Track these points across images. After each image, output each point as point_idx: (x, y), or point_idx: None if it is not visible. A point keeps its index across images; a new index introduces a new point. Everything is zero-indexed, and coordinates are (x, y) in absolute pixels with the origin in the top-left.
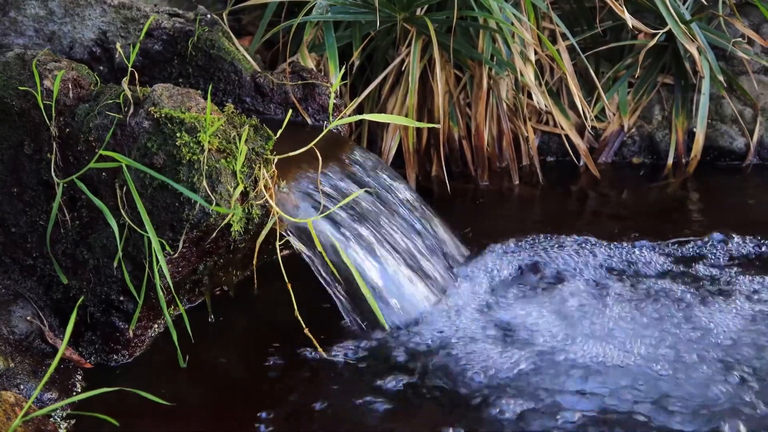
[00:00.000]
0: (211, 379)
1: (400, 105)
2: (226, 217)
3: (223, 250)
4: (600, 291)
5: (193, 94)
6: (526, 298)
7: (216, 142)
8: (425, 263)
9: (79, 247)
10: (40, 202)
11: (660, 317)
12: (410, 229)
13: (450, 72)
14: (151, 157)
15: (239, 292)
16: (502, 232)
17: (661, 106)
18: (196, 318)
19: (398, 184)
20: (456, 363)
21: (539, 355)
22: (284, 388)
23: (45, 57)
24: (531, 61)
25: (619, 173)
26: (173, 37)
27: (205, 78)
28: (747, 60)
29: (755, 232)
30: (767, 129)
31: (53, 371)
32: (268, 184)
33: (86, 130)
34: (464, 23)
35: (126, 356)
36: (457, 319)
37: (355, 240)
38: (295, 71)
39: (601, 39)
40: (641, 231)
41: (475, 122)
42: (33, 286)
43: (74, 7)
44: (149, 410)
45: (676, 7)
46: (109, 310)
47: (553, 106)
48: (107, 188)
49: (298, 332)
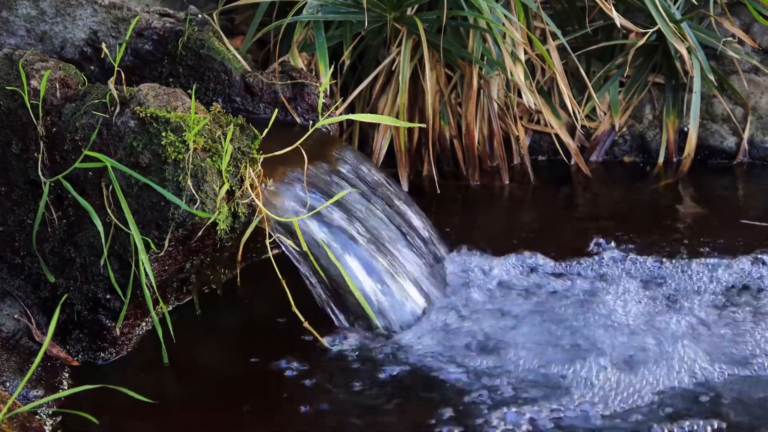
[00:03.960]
0: (199, 377)
1: (391, 104)
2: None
3: (210, 249)
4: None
5: (179, 93)
6: (514, 299)
7: (201, 142)
8: (412, 263)
9: (66, 245)
10: (27, 201)
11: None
12: (397, 228)
13: (441, 71)
14: (136, 156)
15: (228, 291)
16: (491, 232)
17: (652, 105)
18: (184, 316)
19: (387, 183)
20: (440, 362)
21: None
22: (271, 386)
23: (32, 57)
24: (521, 60)
25: (610, 172)
26: (163, 37)
27: (195, 78)
28: (737, 59)
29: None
30: (758, 128)
31: (40, 369)
32: (254, 182)
33: (73, 130)
34: (454, 23)
35: (113, 354)
36: (444, 318)
37: (341, 238)
38: (285, 71)
39: (592, 38)
40: (633, 232)
41: (466, 122)
42: (21, 285)
43: (65, 7)
44: (136, 408)
45: (667, 7)
46: (96, 308)
47: (543, 106)
48: (94, 187)
49: (285, 330)
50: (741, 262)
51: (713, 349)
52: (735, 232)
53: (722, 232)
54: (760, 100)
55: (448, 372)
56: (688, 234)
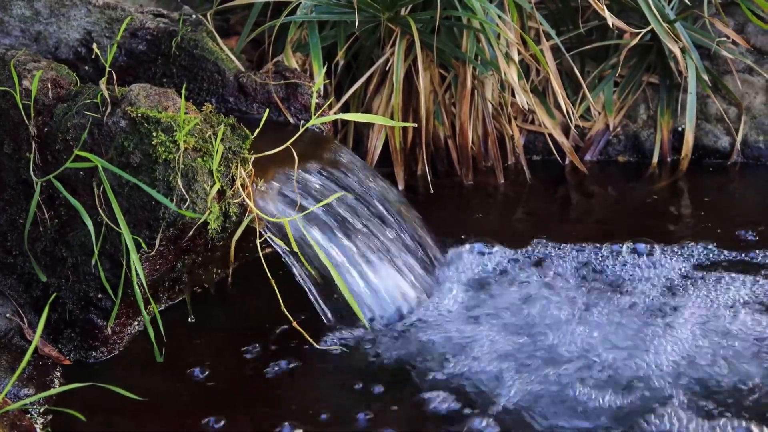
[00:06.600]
0: (190, 376)
1: (385, 104)
2: (203, 214)
3: (201, 248)
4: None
5: (170, 93)
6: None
7: (192, 141)
8: (404, 262)
9: (58, 244)
10: (19, 200)
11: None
12: (390, 228)
13: (434, 71)
14: (127, 156)
15: (220, 290)
16: (485, 230)
17: (647, 105)
18: (176, 315)
19: (380, 183)
20: (433, 360)
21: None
22: (262, 384)
23: (24, 57)
24: (514, 60)
25: (604, 172)
26: (157, 38)
27: (189, 78)
28: (731, 59)
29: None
30: (751, 128)
31: (32, 368)
32: (245, 182)
33: (64, 130)
34: (448, 23)
35: (105, 353)
36: (435, 317)
37: (331, 237)
38: (279, 71)
39: (586, 38)
40: (627, 232)
41: (460, 121)
42: (13, 284)
43: (60, 7)
44: (128, 406)
45: (660, 7)
46: (87, 307)
47: (537, 106)
48: (85, 187)
49: (276, 329)
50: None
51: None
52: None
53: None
54: (754, 100)
55: (434, 367)
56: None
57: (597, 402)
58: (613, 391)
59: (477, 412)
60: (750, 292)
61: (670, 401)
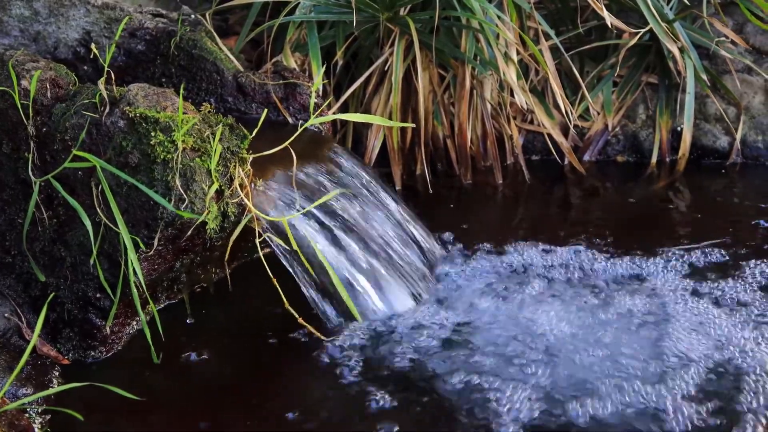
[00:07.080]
0: (189, 376)
1: (384, 104)
2: (201, 214)
3: (200, 248)
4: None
5: (169, 93)
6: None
7: (190, 141)
8: (403, 262)
9: (57, 244)
10: (18, 200)
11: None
12: (388, 228)
13: (433, 71)
14: (126, 156)
15: (219, 290)
16: (483, 230)
17: (645, 105)
18: (175, 315)
19: (378, 183)
20: (431, 360)
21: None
22: (260, 384)
23: (23, 57)
24: (513, 60)
25: (603, 171)
26: (156, 38)
27: (188, 78)
28: (730, 59)
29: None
30: (750, 128)
31: (30, 367)
32: (243, 182)
33: (63, 130)
34: (447, 23)
35: (104, 352)
36: (434, 317)
37: (330, 237)
38: (277, 71)
39: (585, 38)
40: (626, 233)
41: (459, 121)
42: (12, 284)
43: (59, 7)
44: (125, 406)
45: (659, 7)
46: (86, 307)
47: (536, 106)
48: (83, 186)
49: (275, 328)
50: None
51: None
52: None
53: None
54: (753, 99)
55: (434, 367)
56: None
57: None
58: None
59: (478, 411)
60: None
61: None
